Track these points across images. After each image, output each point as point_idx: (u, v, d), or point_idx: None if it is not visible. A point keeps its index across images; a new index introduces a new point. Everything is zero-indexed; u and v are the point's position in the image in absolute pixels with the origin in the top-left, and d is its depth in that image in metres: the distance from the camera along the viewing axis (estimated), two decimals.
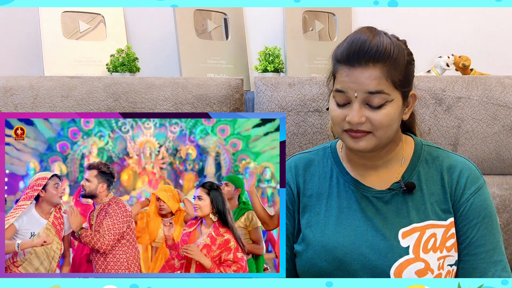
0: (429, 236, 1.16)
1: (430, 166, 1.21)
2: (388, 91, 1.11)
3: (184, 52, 1.88)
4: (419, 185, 1.20)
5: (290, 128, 1.70)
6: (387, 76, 1.10)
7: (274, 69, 1.89)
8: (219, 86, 1.70)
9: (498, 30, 2.18)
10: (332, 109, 1.16)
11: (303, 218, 1.24)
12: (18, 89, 1.63)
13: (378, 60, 1.09)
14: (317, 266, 1.18)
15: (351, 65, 1.10)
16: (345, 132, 1.15)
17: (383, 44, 1.10)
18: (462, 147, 1.74)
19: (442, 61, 1.92)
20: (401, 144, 1.24)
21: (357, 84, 1.10)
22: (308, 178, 1.27)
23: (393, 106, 1.12)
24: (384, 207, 1.19)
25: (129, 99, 1.66)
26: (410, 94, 1.18)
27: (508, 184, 1.74)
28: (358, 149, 1.15)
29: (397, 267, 1.13)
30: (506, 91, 1.75)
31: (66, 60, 1.83)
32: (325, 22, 2.08)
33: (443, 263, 1.15)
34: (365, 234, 1.17)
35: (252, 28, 2.09)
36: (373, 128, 1.12)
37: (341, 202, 1.22)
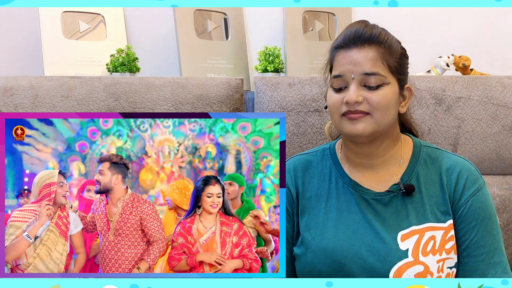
0: (428, 239, 1.15)
1: (429, 168, 1.21)
2: (384, 73, 1.14)
3: (184, 52, 1.88)
4: (418, 187, 1.19)
5: (290, 128, 1.70)
6: (383, 58, 1.13)
7: (274, 69, 1.89)
8: (219, 86, 1.70)
9: (498, 30, 2.18)
10: (330, 96, 1.18)
11: (302, 221, 1.24)
12: (18, 89, 1.63)
13: (373, 42, 1.14)
14: (317, 269, 1.18)
15: (348, 47, 1.15)
16: (343, 116, 1.15)
17: (377, 29, 1.16)
18: (462, 147, 1.74)
19: (442, 61, 1.92)
20: (399, 144, 1.24)
21: (353, 64, 1.13)
22: (307, 180, 1.27)
23: (390, 89, 1.14)
24: (383, 209, 1.19)
25: (129, 99, 1.66)
26: (406, 87, 1.20)
27: (508, 184, 1.74)
28: (356, 133, 1.14)
29: (396, 270, 1.13)
30: (506, 91, 1.75)
31: (66, 60, 1.83)
32: (325, 22, 2.08)
33: (442, 265, 1.14)
34: (364, 236, 1.17)
35: (252, 28, 2.09)
36: (370, 109, 1.13)
37: (340, 204, 1.21)
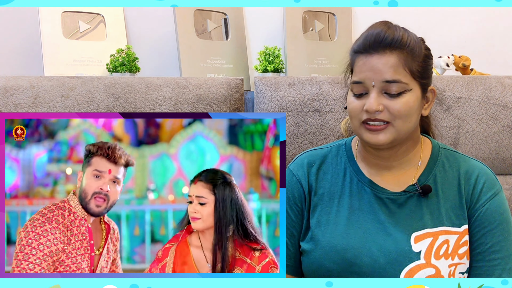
0: (441, 242, 1.14)
1: (447, 171, 1.19)
2: (405, 80, 1.10)
3: (184, 52, 1.88)
4: (435, 189, 1.18)
5: (290, 128, 1.70)
6: (404, 64, 1.10)
7: (274, 69, 1.89)
8: (219, 86, 1.70)
9: (498, 30, 2.18)
10: (350, 101, 1.15)
11: (313, 217, 1.23)
12: (18, 89, 1.63)
13: (395, 48, 1.10)
14: (325, 266, 1.17)
15: (368, 53, 1.11)
16: (363, 125, 1.13)
17: (398, 33, 1.11)
18: (462, 147, 1.74)
19: (442, 61, 1.92)
20: (419, 146, 1.22)
21: (374, 72, 1.10)
22: (321, 176, 1.25)
23: (412, 96, 1.11)
24: (398, 209, 1.17)
25: (129, 99, 1.66)
26: (429, 89, 1.17)
27: (508, 184, 1.74)
28: (376, 143, 1.12)
29: (408, 271, 1.12)
30: (506, 91, 1.75)
31: (66, 60, 1.82)
32: (325, 22, 2.07)
33: (454, 270, 1.13)
34: (376, 236, 1.15)
35: (252, 28, 2.09)
36: (391, 118, 1.10)
37: (353, 202, 1.20)
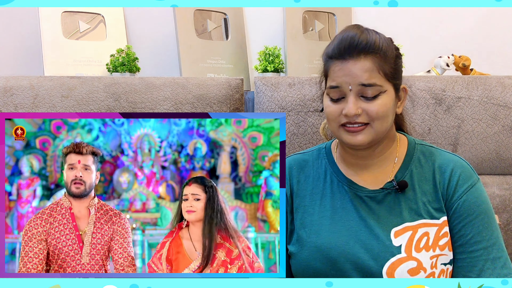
0: (421, 235, 1.16)
1: (423, 165, 1.22)
2: (380, 82, 1.13)
3: (184, 52, 1.88)
4: (411, 184, 1.20)
5: (290, 128, 1.70)
6: (379, 68, 1.12)
7: (274, 69, 1.89)
8: (219, 86, 1.70)
9: (498, 30, 2.18)
10: (327, 105, 1.17)
11: (296, 218, 1.25)
12: (18, 89, 1.63)
13: (369, 52, 1.12)
14: (312, 266, 1.19)
15: (343, 58, 1.13)
16: (342, 127, 1.16)
17: (372, 37, 1.13)
18: (462, 147, 1.74)
19: (442, 61, 1.92)
20: (395, 143, 1.24)
21: (350, 76, 1.12)
22: (302, 179, 1.28)
23: (387, 97, 1.14)
24: (377, 206, 1.19)
25: (129, 99, 1.66)
26: (401, 88, 1.20)
27: (508, 184, 1.74)
28: (355, 143, 1.15)
29: (389, 266, 1.14)
30: (506, 91, 1.75)
31: (66, 60, 1.83)
32: (325, 22, 2.07)
33: (435, 262, 1.15)
34: (358, 234, 1.17)
35: (252, 28, 2.09)
36: (369, 119, 1.13)
37: (335, 202, 1.22)
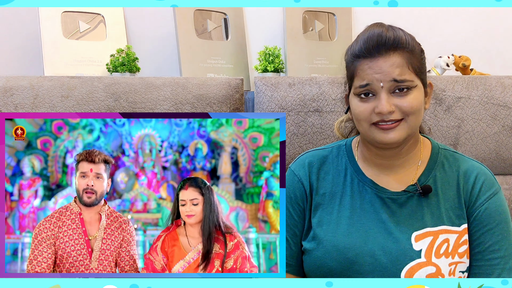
0: (442, 241, 1.15)
1: (447, 171, 1.20)
2: (411, 78, 1.12)
3: (184, 52, 1.88)
4: (435, 189, 1.19)
5: (290, 128, 1.70)
6: (408, 63, 1.12)
7: (274, 69, 1.89)
8: (219, 86, 1.70)
9: (498, 30, 2.18)
10: (357, 105, 1.15)
11: (314, 217, 1.23)
12: (18, 89, 1.63)
13: (398, 48, 1.12)
14: (327, 265, 1.18)
15: (373, 56, 1.12)
16: (373, 126, 1.13)
17: (398, 33, 1.13)
18: (462, 147, 1.74)
19: (442, 61, 1.92)
20: (419, 145, 1.23)
21: (381, 73, 1.11)
22: (322, 176, 1.26)
23: (418, 92, 1.13)
24: (398, 209, 1.18)
25: (129, 99, 1.66)
26: (428, 83, 1.19)
27: (508, 184, 1.74)
28: (388, 141, 1.13)
29: (408, 270, 1.13)
30: (506, 91, 1.75)
31: (66, 60, 1.82)
32: (325, 22, 2.07)
33: (454, 269, 1.14)
34: (377, 236, 1.16)
35: (252, 28, 2.09)
36: (404, 115, 1.12)
37: (354, 202, 1.21)
